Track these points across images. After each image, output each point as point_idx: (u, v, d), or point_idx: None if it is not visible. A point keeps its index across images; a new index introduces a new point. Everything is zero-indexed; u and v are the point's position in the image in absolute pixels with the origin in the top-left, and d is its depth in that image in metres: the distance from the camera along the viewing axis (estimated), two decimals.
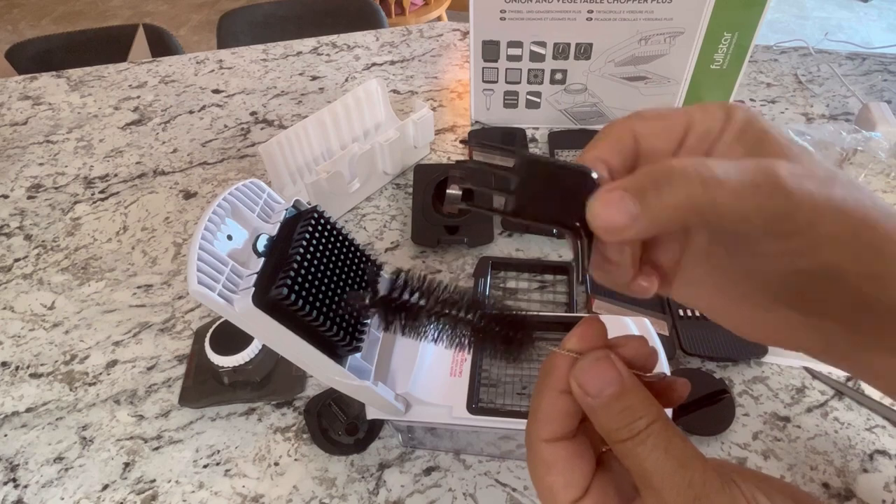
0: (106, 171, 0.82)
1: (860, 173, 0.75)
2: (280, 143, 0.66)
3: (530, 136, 0.83)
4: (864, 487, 0.49)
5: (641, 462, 0.22)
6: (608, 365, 0.23)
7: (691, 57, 0.75)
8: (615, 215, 0.20)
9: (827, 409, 0.53)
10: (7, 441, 0.54)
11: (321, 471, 0.51)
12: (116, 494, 0.50)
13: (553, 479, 0.23)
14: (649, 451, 0.21)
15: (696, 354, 0.56)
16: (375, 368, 0.42)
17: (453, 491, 0.49)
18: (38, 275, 0.68)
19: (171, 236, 0.72)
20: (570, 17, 0.73)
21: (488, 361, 0.49)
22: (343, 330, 0.37)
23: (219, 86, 0.96)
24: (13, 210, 0.77)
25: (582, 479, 0.23)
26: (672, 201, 0.19)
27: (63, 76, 1.01)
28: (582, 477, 0.23)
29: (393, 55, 1.01)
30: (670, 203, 0.19)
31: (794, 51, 0.98)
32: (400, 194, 0.76)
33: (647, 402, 0.23)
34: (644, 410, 0.22)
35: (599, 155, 0.23)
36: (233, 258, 0.35)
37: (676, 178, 0.19)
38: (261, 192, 0.40)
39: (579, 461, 0.24)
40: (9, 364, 0.60)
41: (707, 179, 0.19)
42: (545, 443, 0.24)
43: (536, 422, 0.24)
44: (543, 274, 0.64)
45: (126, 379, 0.58)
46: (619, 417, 0.22)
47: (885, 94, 0.88)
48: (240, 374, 0.54)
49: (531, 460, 0.24)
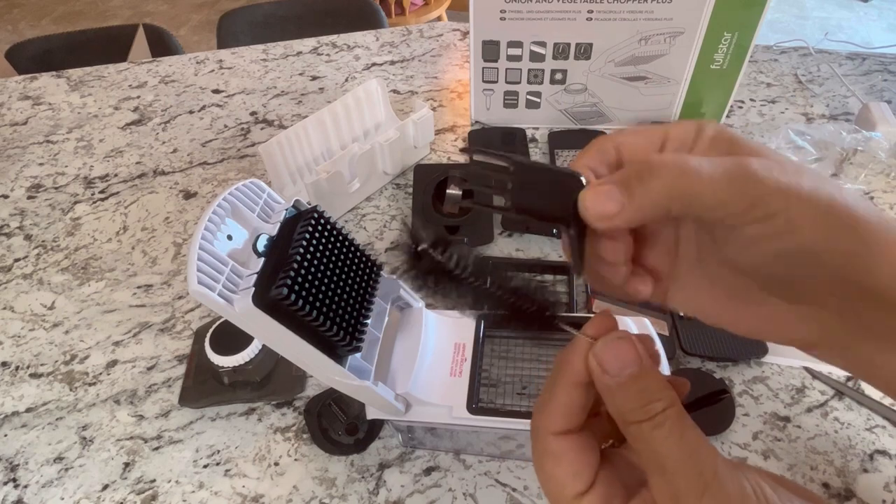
0: (106, 171, 0.82)
1: (860, 173, 0.75)
2: (280, 143, 0.66)
3: (530, 136, 0.83)
4: (864, 487, 0.49)
5: (656, 446, 0.22)
6: (629, 346, 0.24)
7: (691, 57, 0.75)
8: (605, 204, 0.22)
9: (827, 409, 0.53)
10: (7, 441, 0.54)
11: (321, 471, 0.51)
12: (116, 494, 0.50)
13: (561, 471, 0.24)
14: (665, 435, 0.22)
15: (696, 354, 0.56)
16: (375, 368, 0.42)
17: (453, 491, 0.49)
18: (38, 275, 0.68)
19: (171, 236, 0.72)
20: (570, 17, 0.73)
21: (488, 361, 0.49)
22: (343, 330, 0.37)
23: (219, 86, 0.96)
24: (13, 210, 0.77)
25: (589, 472, 0.24)
26: (655, 189, 0.21)
27: (63, 76, 1.01)
28: (589, 470, 0.24)
29: (393, 55, 1.01)
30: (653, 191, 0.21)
31: (794, 51, 0.98)
32: (400, 194, 0.76)
33: (663, 388, 0.23)
34: (661, 395, 0.23)
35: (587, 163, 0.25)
36: (233, 258, 0.35)
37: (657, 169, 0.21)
38: (261, 192, 0.40)
39: (586, 454, 0.24)
40: (9, 364, 0.60)
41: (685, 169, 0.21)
42: (554, 435, 0.24)
43: (548, 414, 0.25)
44: (543, 274, 0.64)
45: (126, 379, 0.58)
46: (636, 398, 0.23)
47: (885, 94, 0.88)
48: (240, 374, 0.54)
49: (538, 452, 0.25)
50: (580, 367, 0.24)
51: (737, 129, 0.83)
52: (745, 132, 0.83)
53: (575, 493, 0.24)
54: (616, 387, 0.23)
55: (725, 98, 0.79)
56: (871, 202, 0.22)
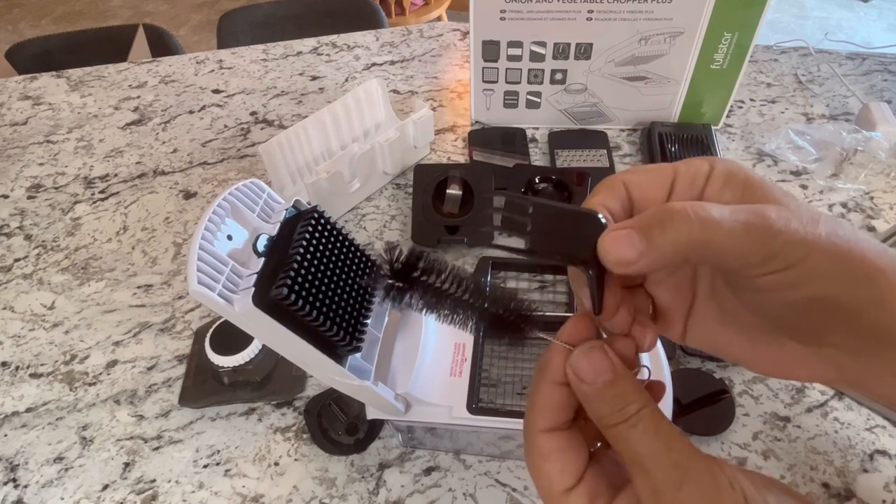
0: (106, 171, 0.82)
1: (860, 173, 0.75)
2: (280, 143, 0.66)
3: (530, 136, 0.83)
4: (864, 487, 0.49)
5: (633, 445, 0.23)
6: (602, 354, 0.25)
7: (691, 57, 0.75)
8: (625, 249, 0.22)
9: (827, 409, 0.53)
10: (7, 441, 0.54)
11: (321, 471, 0.51)
12: (116, 494, 0.50)
13: (549, 466, 0.25)
14: (640, 434, 0.23)
15: (696, 354, 0.56)
16: (375, 368, 0.42)
17: (453, 491, 0.49)
18: (38, 275, 0.68)
19: (171, 236, 0.72)
20: (570, 17, 0.73)
21: (488, 361, 0.49)
22: (343, 330, 0.37)
23: (219, 86, 0.96)
24: (13, 210, 0.77)
25: (576, 468, 0.25)
26: (674, 238, 0.22)
27: (63, 76, 1.01)
28: (576, 466, 0.25)
29: (393, 55, 1.01)
30: (672, 240, 0.22)
31: (794, 51, 0.98)
32: (400, 194, 0.76)
33: (637, 390, 0.24)
34: (635, 397, 0.24)
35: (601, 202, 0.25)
36: (233, 258, 0.35)
37: (677, 218, 0.22)
38: (261, 192, 0.40)
39: (573, 451, 0.25)
40: (9, 364, 0.60)
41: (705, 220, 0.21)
42: (542, 433, 0.25)
43: (534, 412, 0.26)
44: (543, 274, 0.64)
45: (126, 379, 0.58)
46: (612, 403, 0.24)
47: (885, 94, 0.88)
48: (240, 374, 0.54)
49: (528, 450, 0.26)
50: (558, 367, 0.25)
51: (737, 130, 0.83)
52: (745, 132, 0.83)
53: (563, 489, 0.24)
54: (592, 393, 0.24)
55: (725, 98, 0.79)
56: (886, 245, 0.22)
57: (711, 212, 0.21)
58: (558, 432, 0.25)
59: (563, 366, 0.25)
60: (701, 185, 0.24)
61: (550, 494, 0.25)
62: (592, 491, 0.24)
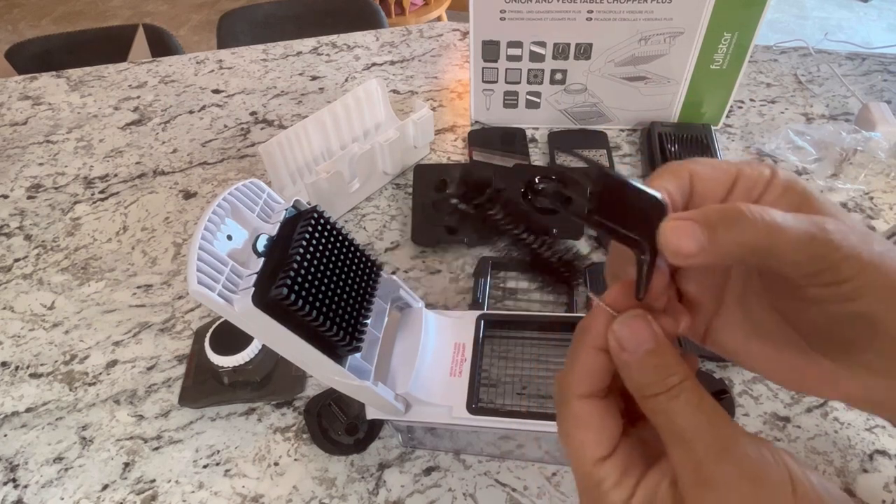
0: (106, 171, 0.82)
1: (860, 173, 0.75)
2: (280, 143, 0.66)
3: (530, 136, 0.83)
4: (864, 487, 0.49)
5: (674, 416, 0.23)
6: (645, 323, 0.24)
7: (691, 57, 0.75)
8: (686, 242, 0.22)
9: (827, 409, 0.53)
10: (7, 441, 0.54)
11: (321, 471, 0.51)
12: (116, 494, 0.50)
13: (584, 434, 0.24)
14: (682, 406, 0.23)
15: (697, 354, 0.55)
16: (375, 368, 0.42)
17: (453, 491, 0.49)
18: (38, 275, 0.68)
19: (171, 236, 0.72)
20: (570, 17, 0.73)
21: (488, 361, 0.49)
22: (343, 330, 0.37)
23: (219, 86, 0.96)
24: (13, 210, 0.77)
25: (611, 438, 0.25)
26: (739, 239, 0.21)
27: (63, 76, 1.01)
28: (611, 435, 0.25)
29: (393, 55, 1.01)
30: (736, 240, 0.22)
31: (794, 51, 0.98)
32: (400, 194, 0.76)
33: (679, 362, 0.24)
34: (677, 368, 0.23)
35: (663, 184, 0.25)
36: (233, 258, 0.35)
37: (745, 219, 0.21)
38: (261, 192, 0.40)
39: (609, 420, 0.25)
40: (9, 364, 0.60)
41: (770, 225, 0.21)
42: (578, 399, 0.25)
43: (572, 376, 0.25)
44: None
45: (126, 379, 0.58)
46: (653, 372, 0.23)
47: (884, 94, 0.88)
48: (240, 374, 0.54)
49: (562, 416, 0.25)
50: (600, 332, 0.25)
51: (737, 130, 0.83)
52: (745, 132, 0.83)
53: (596, 458, 0.24)
54: (634, 362, 0.24)
55: (725, 98, 0.79)
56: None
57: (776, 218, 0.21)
58: (596, 399, 0.25)
59: (604, 331, 0.25)
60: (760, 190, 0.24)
61: (583, 463, 0.24)
62: (626, 461, 0.24)
